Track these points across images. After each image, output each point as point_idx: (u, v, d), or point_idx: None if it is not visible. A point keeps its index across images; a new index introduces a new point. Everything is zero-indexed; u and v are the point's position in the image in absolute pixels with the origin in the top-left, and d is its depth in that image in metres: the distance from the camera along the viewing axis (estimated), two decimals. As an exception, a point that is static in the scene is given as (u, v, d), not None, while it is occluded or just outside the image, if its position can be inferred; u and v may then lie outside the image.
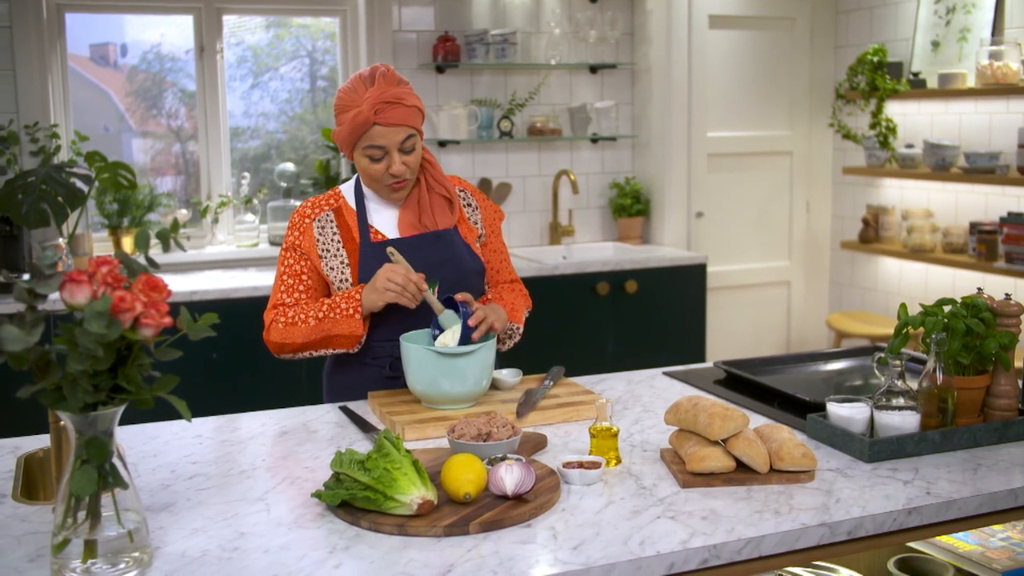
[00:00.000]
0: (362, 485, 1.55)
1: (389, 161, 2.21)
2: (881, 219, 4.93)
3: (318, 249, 2.29)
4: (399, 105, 2.18)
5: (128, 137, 4.59)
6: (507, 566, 1.40)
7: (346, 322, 2.20)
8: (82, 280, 1.30)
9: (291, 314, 2.25)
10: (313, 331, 2.22)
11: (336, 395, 2.36)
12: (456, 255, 2.30)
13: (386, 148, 2.19)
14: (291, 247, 2.31)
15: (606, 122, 4.96)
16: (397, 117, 2.17)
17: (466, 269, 2.31)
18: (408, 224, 2.30)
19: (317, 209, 2.32)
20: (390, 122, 2.17)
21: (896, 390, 1.86)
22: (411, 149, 2.22)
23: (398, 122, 2.18)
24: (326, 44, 4.80)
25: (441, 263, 2.28)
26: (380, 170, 2.22)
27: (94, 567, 1.36)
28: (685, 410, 1.80)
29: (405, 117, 2.18)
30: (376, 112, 2.16)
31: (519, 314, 2.39)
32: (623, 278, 4.44)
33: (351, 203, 2.33)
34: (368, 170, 2.23)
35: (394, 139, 2.18)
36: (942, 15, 4.60)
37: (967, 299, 1.96)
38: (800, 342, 5.41)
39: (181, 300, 3.67)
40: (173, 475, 1.80)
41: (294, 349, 2.26)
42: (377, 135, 2.18)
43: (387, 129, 2.18)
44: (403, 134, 2.19)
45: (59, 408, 1.33)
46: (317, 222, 2.30)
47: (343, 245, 2.28)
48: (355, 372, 2.33)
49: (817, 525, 1.54)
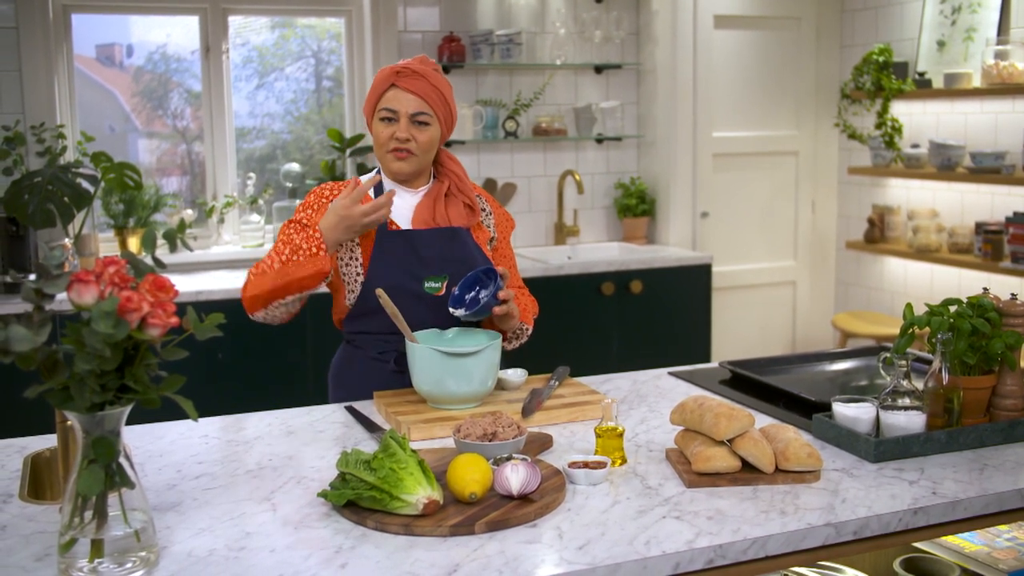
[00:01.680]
0: (368, 485, 1.55)
1: (397, 127, 2.25)
2: (887, 219, 4.92)
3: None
4: (422, 78, 2.24)
5: (134, 137, 4.60)
6: (513, 566, 1.40)
7: (311, 262, 2.15)
8: (89, 280, 1.31)
9: (261, 266, 2.22)
10: (279, 275, 2.17)
11: (343, 393, 2.36)
12: (470, 255, 2.32)
13: (398, 113, 2.24)
14: (299, 222, 2.28)
15: (611, 122, 4.96)
16: (416, 86, 2.23)
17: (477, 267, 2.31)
18: (422, 218, 2.32)
19: (336, 190, 2.34)
20: (407, 87, 2.23)
21: (902, 390, 1.86)
22: (423, 124, 2.25)
23: (415, 91, 2.23)
24: (331, 44, 4.81)
25: (454, 259, 2.29)
26: (387, 134, 2.26)
27: (101, 566, 1.36)
28: (691, 410, 1.80)
29: (424, 90, 2.24)
30: (398, 74, 2.24)
31: (528, 315, 2.42)
32: (628, 278, 4.44)
33: (370, 192, 2.33)
34: (379, 135, 2.28)
35: (407, 107, 2.24)
36: (948, 15, 4.59)
37: (973, 299, 1.96)
38: (805, 342, 5.40)
39: (187, 300, 3.68)
40: (179, 475, 1.80)
41: (265, 299, 2.19)
42: (392, 98, 2.24)
43: (403, 93, 2.24)
44: (417, 106, 2.24)
45: (66, 408, 1.33)
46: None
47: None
48: (361, 369, 2.34)
49: (823, 525, 1.54)
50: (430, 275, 2.27)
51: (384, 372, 2.32)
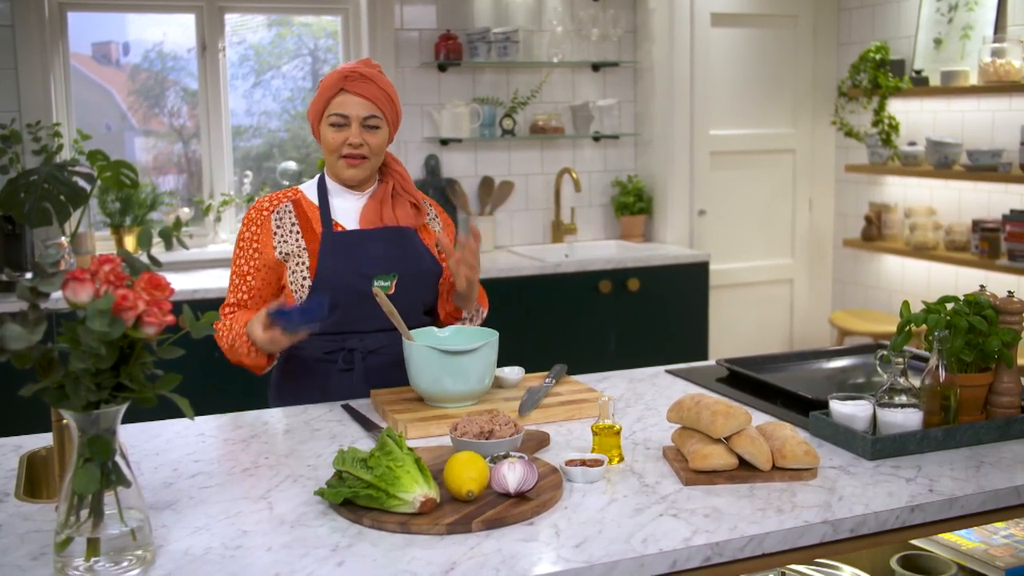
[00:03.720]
0: (364, 483, 1.55)
1: (349, 132, 2.24)
2: (884, 217, 4.92)
3: (274, 241, 2.28)
4: (371, 82, 2.24)
5: (130, 136, 4.59)
6: (509, 564, 1.40)
7: (248, 358, 2.23)
8: (85, 278, 1.30)
9: (222, 329, 2.27)
10: (229, 352, 2.26)
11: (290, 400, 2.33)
12: (417, 253, 2.32)
13: (349, 118, 2.24)
14: (244, 244, 2.30)
15: (608, 120, 4.96)
16: (365, 90, 2.23)
17: (425, 267, 2.32)
18: (368, 219, 2.32)
19: (275, 202, 2.32)
20: (357, 91, 2.23)
21: (899, 388, 1.86)
22: (374, 128, 2.26)
23: (365, 95, 2.23)
24: (328, 43, 4.80)
25: (400, 258, 2.29)
26: (339, 140, 2.25)
27: (97, 565, 1.36)
28: (688, 408, 1.80)
29: (373, 93, 2.24)
30: (346, 78, 2.24)
31: (483, 300, 2.48)
32: (625, 276, 4.44)
33: (311, 197, 2.33)
34: (329, 140, 2.26)
35: (357, 112, 2.24)
36: (944, 12, 4.59)
37: (970, 297, 1.96)
38: (803, 340, 5.41)
39: (183, 298, 3.67)
40: (176, 473, 1.80)
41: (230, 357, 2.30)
42: (342, 103, 2.24)
43: (352, 98, 2.23)
44: (367, 110, 2.24)
45: (62, 406, 1.33)
46: (275, 215, 2.30)
47: (302, 236, 2.28)
48: (303, 378, 2.33)
49: (820, 523, 1.54)
50: (379, 273, 2.26)
51: (331, 372, 2.29)
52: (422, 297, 2.34)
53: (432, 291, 2.37)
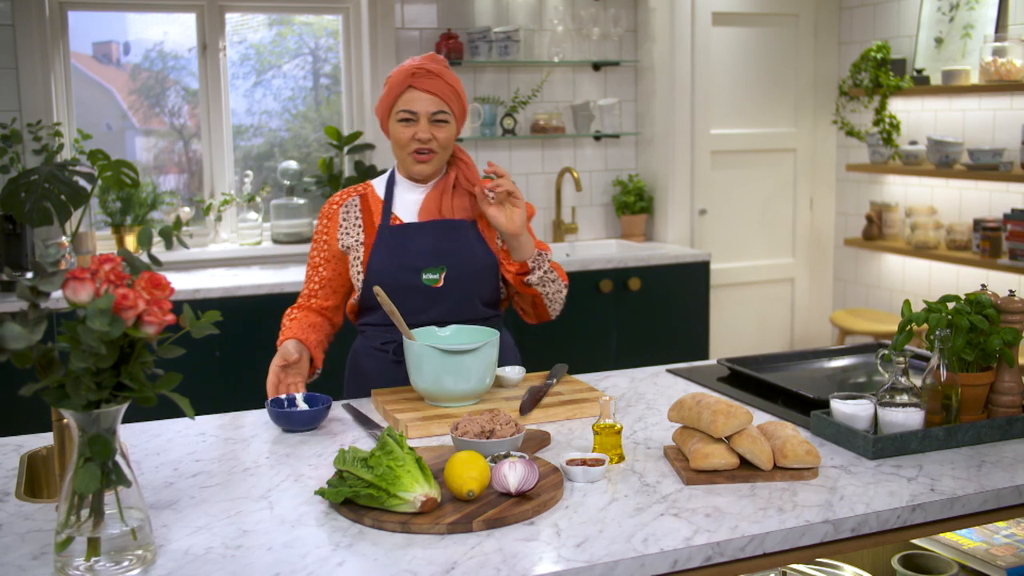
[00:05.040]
0: (365, 483, 1.55)
1: (418, 127, 2.26)
2: (885, 216, 4.92)
3: (339, 233, 2.36)
4: (438, 78, 2.26)
5: (131, 135, 4.59)
6: (510, 563, 1.40)
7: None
8: (85, 278, 1.30)
9: (285, 320, 2.39)
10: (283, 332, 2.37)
11: (356, 378, 2.43)
12: (466, 246, 2.32)
13: (418, 114, 2.25)
14: (316, 236, 2.42)
15: (609, 119, 4.96)
16: (433, 86, 2.26)
17: (475, 261, 2.32)
18: (428, 211, 2.35)
19: (345, 197, 2.41)
20: (425, 88, 2.25)
21: (900, 387, 1.86)
22: (442, 123, 2.28)
23: (433, 91, 2.25)
24: (329, 42, 4.80)
25: (448, 252, 2.31)
26: (408, 135, 2.28)
27: (97, 565, 1.36)
28: (688, 407, 1.80)
29: (441, 89, 2.26)
30: (413, 75, 2.26)
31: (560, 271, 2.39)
32: (626, 275, 4.44)
33: (379, 192, 2.40)
34: (398, 136, 2.29)
35: (426, 107, 2.26)
36: (946, 11, 4.59)
37: (971, 296, 1.96)
38: (804, 339, 5.41)
39: (184, 298, 3.67)
40: (176, 473, 1.80)
41: None
42: (410, 99, 2.26)
43: (421, 94, 2.26)
44: (435, 105, 2.26)
45: (62, 406, 1.33)
46: (344, 208, 2.39)
47: (363, 230, 2.35)
48: (369, 357, 2.40)
49: (821, 522, 1.54)
50: (427, 267, 2.29)
51: (386, 361, 2.37)
52: (476, 290, 2.33)
53: (490, 284, 2.35)
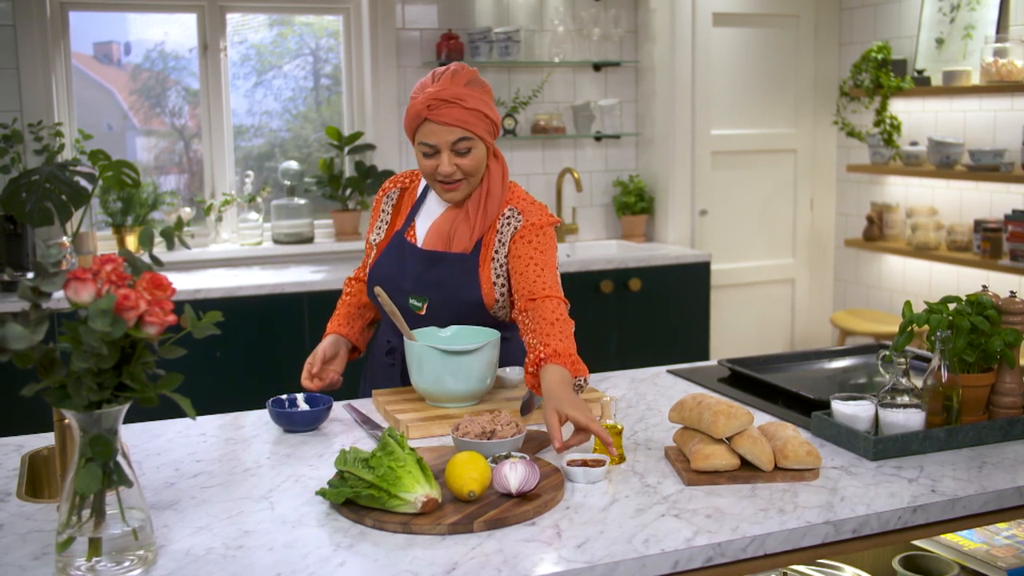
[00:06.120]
0: (366, 483, 1.55)
1: (439, 160, 2.18)
2: (885, 217, 4.92)
3: (377, 220, 2.38)
4: (456, 105, 2.12)
5: (132, 135, 4.59)
6: (511, 564, 1.40)
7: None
8: (86, 278, 1.30)
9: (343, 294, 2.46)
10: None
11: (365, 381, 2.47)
12: (451, 281, 2.23)
13: (437, 147, 2.16)
14: (371, 217, 2.42)
15: (610, 120, 4.96)
16: (450, 117, 2.12)
17: (457, 300, 2.23)
18: (438, 231, 2.28)
19: (394, 184, 2.40)
20: (442, 120, 2.12)
21: (901, 388, 1.86)
22: (465, 151, 2.16)
23: (451, 122, 2.12)
24: (329, 42, 4.80)
25: (430, 285, 2.24)
26: (430, 167, 2.20)
27: (98, 565, 1.36)
28: (689, 408, 1.80)
29: (460, 118, 2.13)
30: (429, 107, 2.12)
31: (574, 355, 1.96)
32: (627, 276, 4.44)
33: (418, 189, 2.37)
34: (423, 167, 2.22)
35: (445, 139, 2.14)
36: (946, 12, 4.59)
37: (972, 297, 1.96)
38: (804, 340, 5.41)
39: (185, 298, 3.67)
40: (177, 473, 1.80)
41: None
42: (429, 132, 2.15)
43: (438, 127, 2.13)
44: (455, 135, 2.13)
45: (63, 406, 1.33)
46: (386, 198, 2.38)
47: (387, 227, 2.35)
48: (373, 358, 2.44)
49: (822, 523, 1.54)
50: (413, 293, 2.25)
51: (382, 363, 2.38)
52: (461, 321, 2.24)
53: (475, 317, 2.25)
